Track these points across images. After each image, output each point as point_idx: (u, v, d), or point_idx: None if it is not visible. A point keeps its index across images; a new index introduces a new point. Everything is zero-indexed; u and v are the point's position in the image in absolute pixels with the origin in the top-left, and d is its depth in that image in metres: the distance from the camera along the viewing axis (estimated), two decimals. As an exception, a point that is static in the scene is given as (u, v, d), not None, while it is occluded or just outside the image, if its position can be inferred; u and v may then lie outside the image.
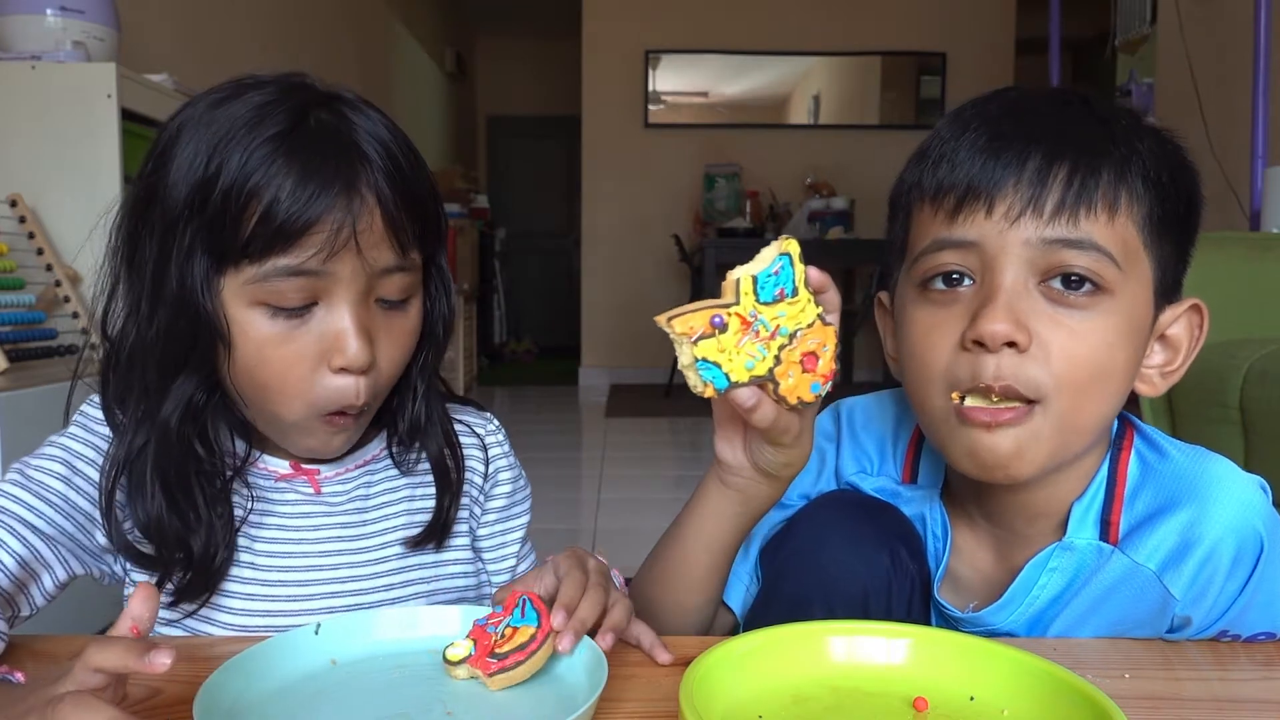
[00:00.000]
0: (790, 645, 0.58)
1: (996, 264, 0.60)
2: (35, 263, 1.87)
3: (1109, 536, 0.66)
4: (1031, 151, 0.60)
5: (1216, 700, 0.58)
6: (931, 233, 0.64)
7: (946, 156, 0.63)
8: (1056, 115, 0.63)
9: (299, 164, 0.62)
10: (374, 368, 0.67)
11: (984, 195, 0.61)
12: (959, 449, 0.63)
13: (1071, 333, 0.60)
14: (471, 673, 0.56)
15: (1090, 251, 0.60)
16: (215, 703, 0.50)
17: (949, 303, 0.63)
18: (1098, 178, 0.60)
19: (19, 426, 1.43)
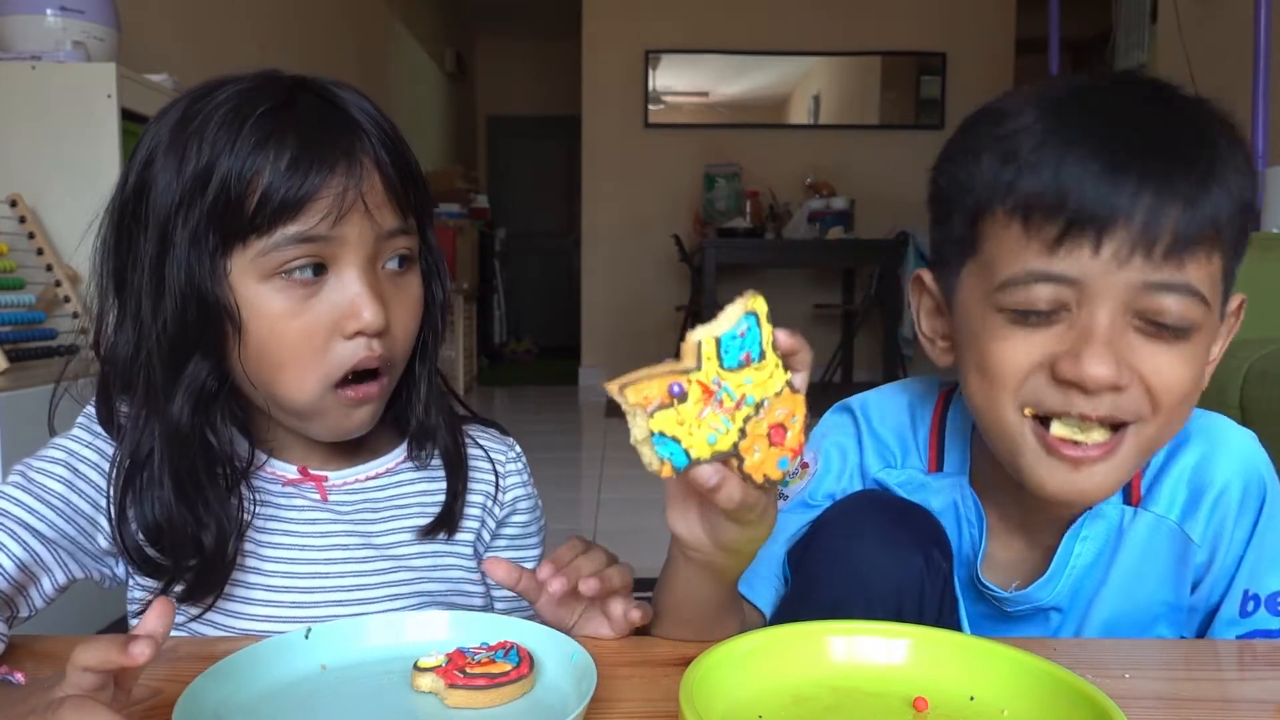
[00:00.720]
0: (790, 645, 0.58)
1: (1096, 302, 0.58)
2: (35, 263, 1.87)
3: (1131, 500, 0.69)
4: (1146, 184, 0.56)
5: (1216, 700, 0.58)
6: (1025, 261, 0.59)
7: (1048, 169, 0.58)
8: (1166, 132, 0.60)
9: (295, 138, 0.64)
10: (388, 333, 0.68)
11: (1091, 230, 0.57)
12: (1035, 473, 0.62)
13: (1167, 365, 0.59)
14: (435, 684, 0.56)
15: (1187, 297, 0.58)
16: (199, 706, 0.50)
17: (1037, 327, 0.60)
18: (1203, 217, 0.58)
19: (19, 426, 1.43)
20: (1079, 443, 0.60)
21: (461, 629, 0.62)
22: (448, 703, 0.55)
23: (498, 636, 0.60)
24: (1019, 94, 0.64)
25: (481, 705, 0.54)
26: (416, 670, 0.57)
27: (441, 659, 0.57)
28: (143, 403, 0.69)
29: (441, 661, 0.57)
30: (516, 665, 0.56)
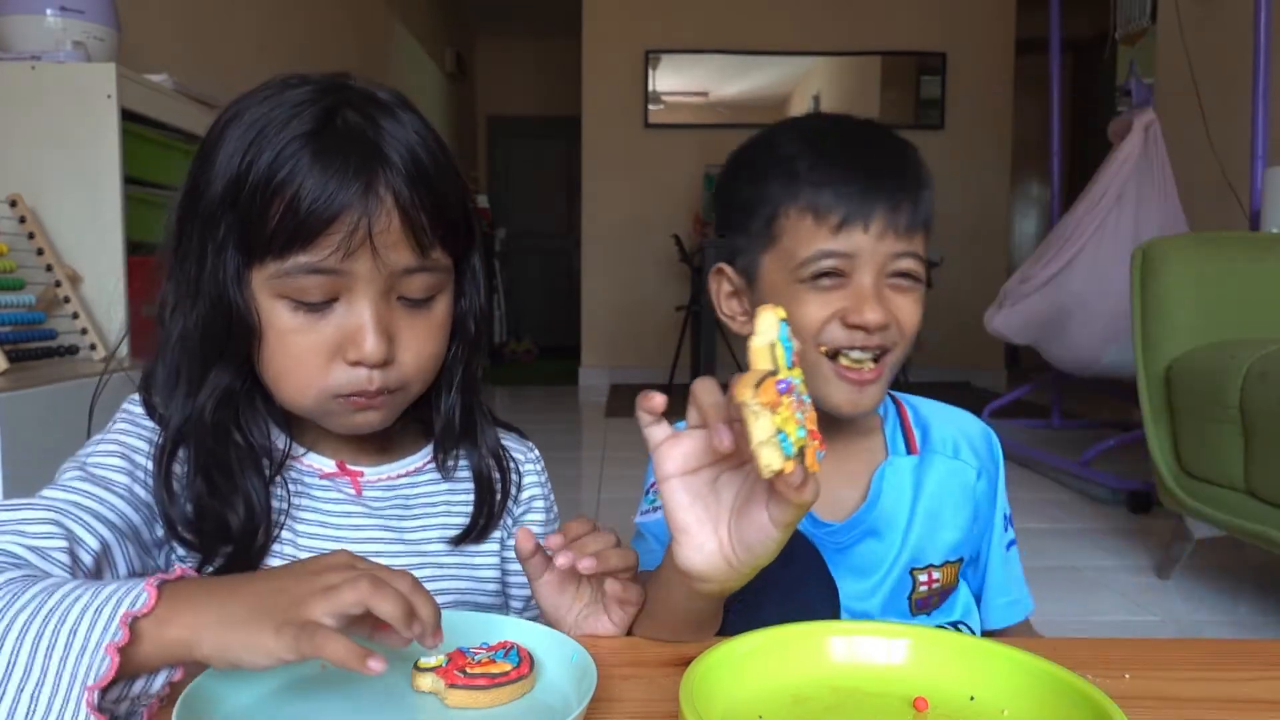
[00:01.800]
0: (790, 645, 0.58)
1: (866, 267, 0.81)
2: (35, 263, 1.87)
3: (911, 450, 0.92)
4: (888, 186, 0.81)
5: (1216, 700, 0.58)
6: (816, 243, 0.81)
7: (825, 183, 0.82)
8: (896, 158, 0.85)
9: (321, 163, 0.65)
10: (393, 363, 0.69)
11: (861, 218, 0.81)
12: (833, 396, 0.82)
13: (910, 305, 0.83)
14: (435, 683, 0.56)
15: (916, 259, 0.83)
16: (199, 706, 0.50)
17: (825, 289, 0.82)
18: (919, 208, 0.83)
19: (19, 427, 1.43)
20: (860, 369, 0.82)
21: (461, 629, 0.62)
22: (448, 703, 0.55)
23: (498, 636, 0.60)
24: (780, 130, 0.89)
25: (481, 705, 0.54)
26: (416, 670, 0.57)
27: (441, 659, 0.57)
28: (173, 393, 0.71)
29: (441, 661, 0.57)
30: (516, 665, 0.56)
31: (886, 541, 0.88)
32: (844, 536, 0.87)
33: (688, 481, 0.58)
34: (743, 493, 0.58)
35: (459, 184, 0.72)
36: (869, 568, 0.88)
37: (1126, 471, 3.07)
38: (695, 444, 0.58)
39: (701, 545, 0.58)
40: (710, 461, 0.58)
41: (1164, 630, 1.96)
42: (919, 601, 0.90)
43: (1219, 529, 2.05)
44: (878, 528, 0.88)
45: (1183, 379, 2.10)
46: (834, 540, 0.87)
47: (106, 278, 1.95)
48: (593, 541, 0.67)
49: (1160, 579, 2.26)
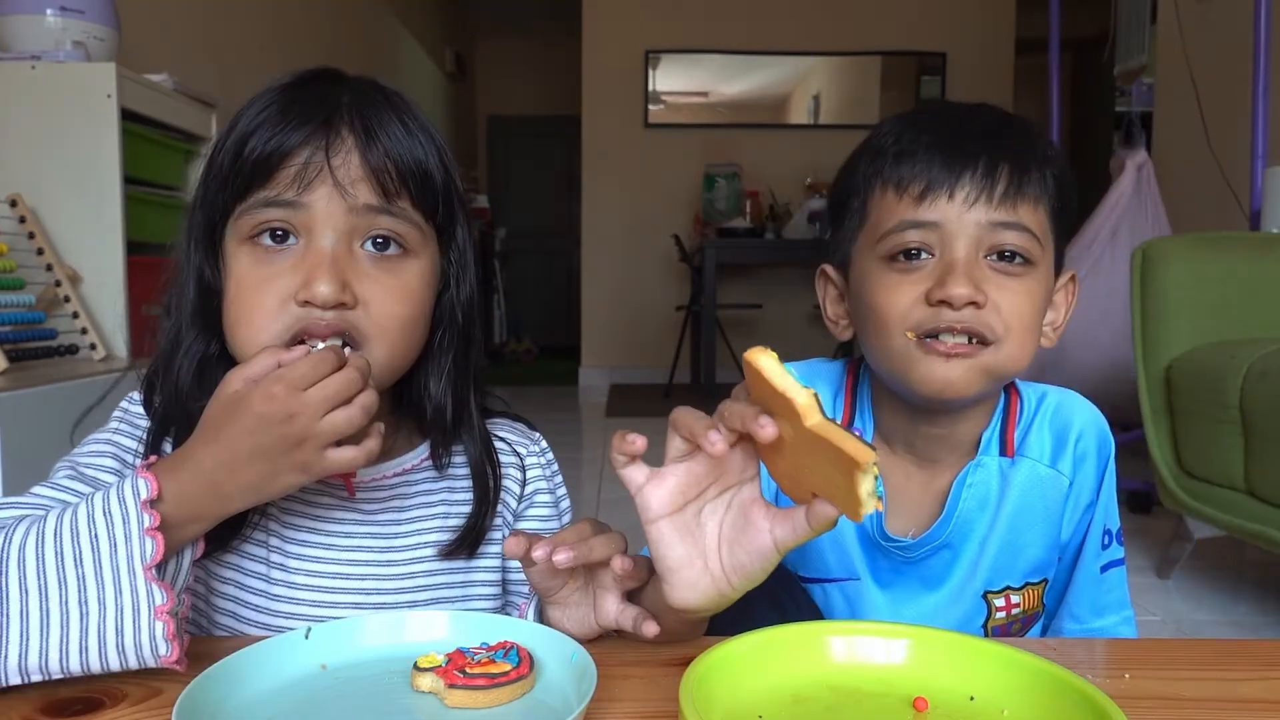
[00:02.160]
0: (790, 645, 0.58)
1: (955, 240, 0.74)
2: (35, 263, 1.87)
3: (1007, 451, 0.83)
4: (983, 151, 0.74)
5: (1216, 700, 0.58)
6: (898, 215, 0.76)
7: (908, 153, 0.76)
8: (996, 124, 0.79)
9: (284, 109, 0.67)
10: (353, 308, 0.66)
11: (946, 185, 0.74)
12: (918, 374, 0.75)
13: (1014, 293, 0.74)
14: (435, 683, 0.56)
15: (1023, 233, 0.75)
16: (199, 706, 0.50)
17: (911, 270, 0.76)
18: (1029, 175, 0.75)
19: (19, 426, 1.43)
20: (950, 342, 0.74)
21: (461, 629, 0.62)
22: (448, 703, 0.55)
23: (498, 636, 0.60)
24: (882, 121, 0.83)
25: (481, 705, 0.54)
26: (416, 670, 0.57)
27: (441, 659, 0.57)
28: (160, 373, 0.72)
29: (441, 661, 0.57)
30: (516, 665, 0.56)
31: (958, 554, 0.83)
32: (914, 552, 0.82)
33: (675, 520, 0.56)
34: (730, 519, 0.57)
35: (441, 155, 0.71)
36: (937, 580, 0.83)
37: (1126, 471, 3.07)
38: (679, 479, 0.56)
39: (695, 583, 0.57)
40: (695, 494, 0.57)
41: (1164, 630, 1.96)
42: (997, 630, 0.84)
43: (1219, 529, 2.05)
44: (952, 541, 0.82)
45: (1183, 379, 2.10)
46: (904, 555, 0.83)
47: (106, 278, 1.95)
48: (571, 533, 0.65)
49: (1160, 579, 2.26)
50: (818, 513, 0.52)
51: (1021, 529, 0.82)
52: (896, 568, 0.84)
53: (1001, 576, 0.83)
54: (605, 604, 0.66)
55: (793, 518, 0.54)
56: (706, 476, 0.57)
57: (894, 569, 0.84)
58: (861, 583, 0.84)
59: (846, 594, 0.84)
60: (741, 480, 0.57)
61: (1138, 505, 2.87)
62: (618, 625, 0.65)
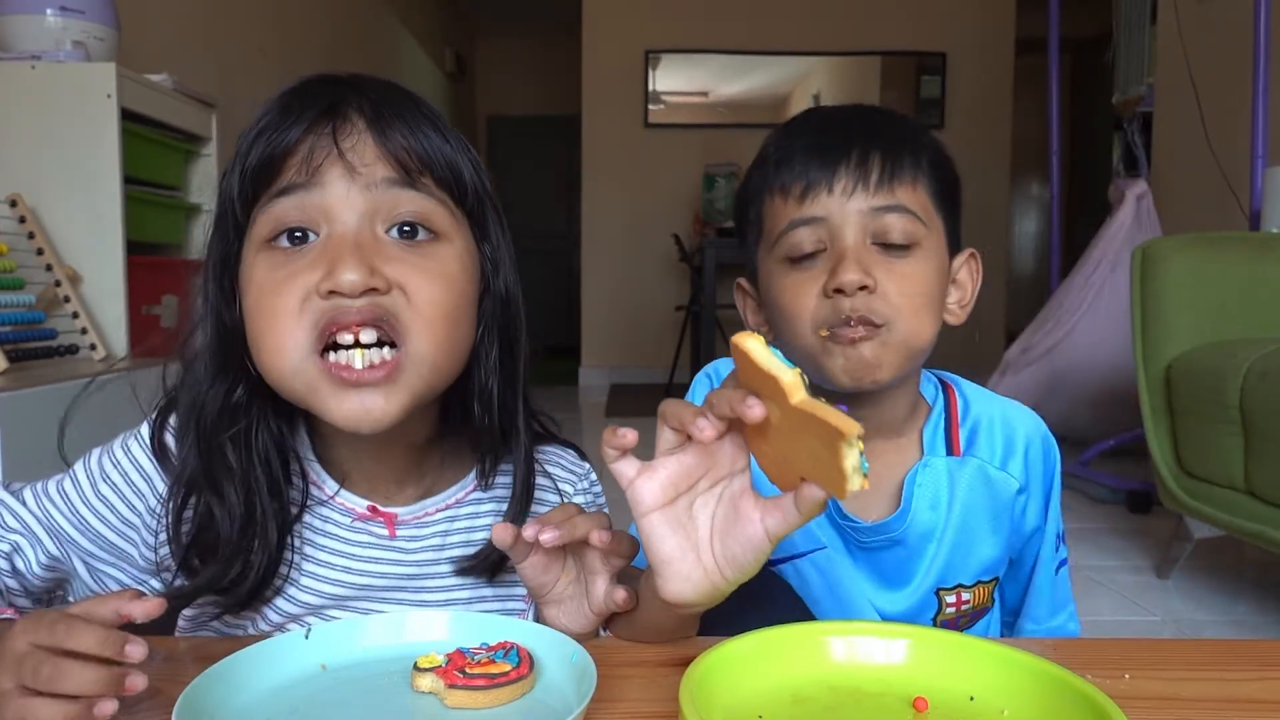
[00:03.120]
0: (790, 645, 0.58)
1: (841, 231, 0.78)
2: (35, 263, 1.87)
3: (953, 451, 0.85)
4: (854, 145, 0.78)
5: (1216, 700, 0.58)
6: (786, 216, 0.80)
7: (787, 158, 0.80)
8: (865, 119, 0.83)
9: (282, 106, 0.63)
10: (387, 292, 0.60)
11: (824, 180, 0.78)
12: (834, 365, 0.78)
13: (902, 275, 0.78)
14: (435, 684, 0.56)
15: (904, 214, 0.78)
16: (199, 706, 0.50)
17: (809, 268, 0.79)
18: (902, 160, 0.78)
19: (19, 426, 1.43)
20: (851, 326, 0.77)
21: (461, 629, 0.62)
22: (448, 703, 0.55)
23: (498, 636, 0.60)
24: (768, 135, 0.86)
25: (481, 705, 0.54)
26: (416, 670, 0.57)
27: (441, 659, 0.57)
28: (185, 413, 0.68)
29: (441, 661, 0.57)
30: (516, 665, 0.56)
31: (914, 554, 0.84)
32: (869, 538, 0.84)
33: (666, 513, 0.56)
34: (721, 512, 0.56)
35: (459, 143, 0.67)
36: (896, 579, 0.85)
37: (1126, 471, 3.07)
38: (670, 471, 0.56)
39: (688, 575, 0.56)
40: (686, 487, 0.57)
41: (1164, 630, 1.96)
42: (944, 624, 0.86)
43: (1219, 529, 2.05)
44: (906, 538, 0.83)
45: (1183, 379, 2.10)
46: (859, 539, 0.84)
47: (106, 278, 1.95)
48: (557, 514, 0.63)
49: (1160, 579, 2.26)
50: (805, 496, 0.52)
51: (973, 528, 0.84)
52: (850, 550, 0.85)
53: (954, 574, 0.84)
54: (595, 589, 0.65)
55: (782, 505, 0.54)
56: (697, 468, 0.56)
57: (848, 550, 0.85)
58: (829, 552, 0.85)
59: (818, 565, 0.85)
60: (732, 472, 0.57)
61: (1138, 505, 2.87)
62: (606, 608, 0.65)
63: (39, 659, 0.48)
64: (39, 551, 0.69)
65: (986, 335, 5.19)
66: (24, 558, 0.69)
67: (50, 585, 0.71)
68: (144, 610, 0.53)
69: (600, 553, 0.63)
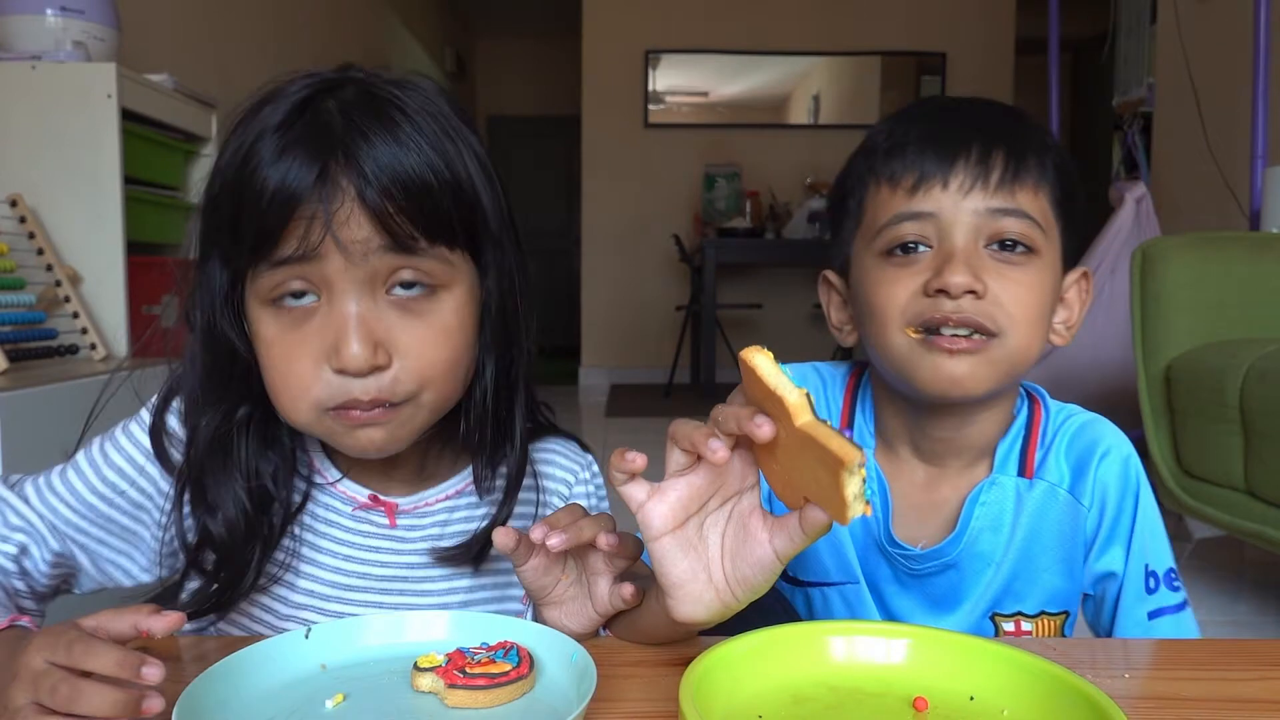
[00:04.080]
0: (790, 645, 0.58)
1: (952, 230, 0.72)
2: (35, 263, 1.87)
3: (1026, 472, 0.79)
4: (976, 139, 0.72)
5: (1216, 700, 0.58)
6: (893, 208, 0.74)
7: (900, 146, 0.74)
8: (989, 113, 0.77)
9: (282, 155, 0.61)
10: (388, 369, 0.63)
11: (939, 174, 0.72)
12: (923, 373, 0.72)
13: (1017, 283, 0.72)
14: (435, 683, 0.56)
15: (1024, 219, 0.72)
16: (200, 706, 0.50)
17: (909, 264, 0.73)
18: (1027, 161, 0.73)
19: (19, 426, 1.43)
20: (952, 337, 0.71)
21: (461, 629, 0.62)
22: (448, 703, 0.55)
23: (498, 636, 0.60)
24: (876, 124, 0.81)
25: (481, 705, 0.54)
26: (416, 670, 0.57)
27: (441, 659, 0.57)
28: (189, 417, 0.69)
29: (441, 661, 0.57)
30: (516, 665, 0.56)
31: (968, 576, 0.79)
32: (920, 565, 0.79)
33: (677, 536, 0.55)
34: (731, 532, 0.56)
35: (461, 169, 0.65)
36: (947, 602, 0.80)
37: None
38: (680, 494, 0.55)
39: (699, 597, 0.56)
40: (697, 508, 0.56)
41: (1164, 630, 1.96)
42: None
43: (1219, 529, 2.05)
44: (960, 561, 0.78)
45: (1182, 379, 2.10)
46: (909, 566, 0.80)
47: (106, 278, 1.95)
48: (564, 516, 0.63)
49: (1160, 579, 2.26)
50: (809, 518, 0.52)
51: (1037, 554, 0.78)
52: (899, 578, 0.81)
53: (1013, 601, 0.79)
54: (599, 589, 0.65)
55: (788, 526, 0.53)
56: (707, 488, 0.56)
57: (896, 578, 0.81)
58: (860, 587, 0.83)
59: (846, 598, 0.83)
60: (741, 490, 0.56)
61: (1138, 505, 2.87)
62: (612, 607, 0.65)
63: (56, 678, 0.48)
64: (44, 550, 0.69)
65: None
66: (31, 558, 0.69)
67: (56, 585, 0.72)
68: (164, 626, 0.54)
69: (603, 555, 0.64)
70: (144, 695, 0.48)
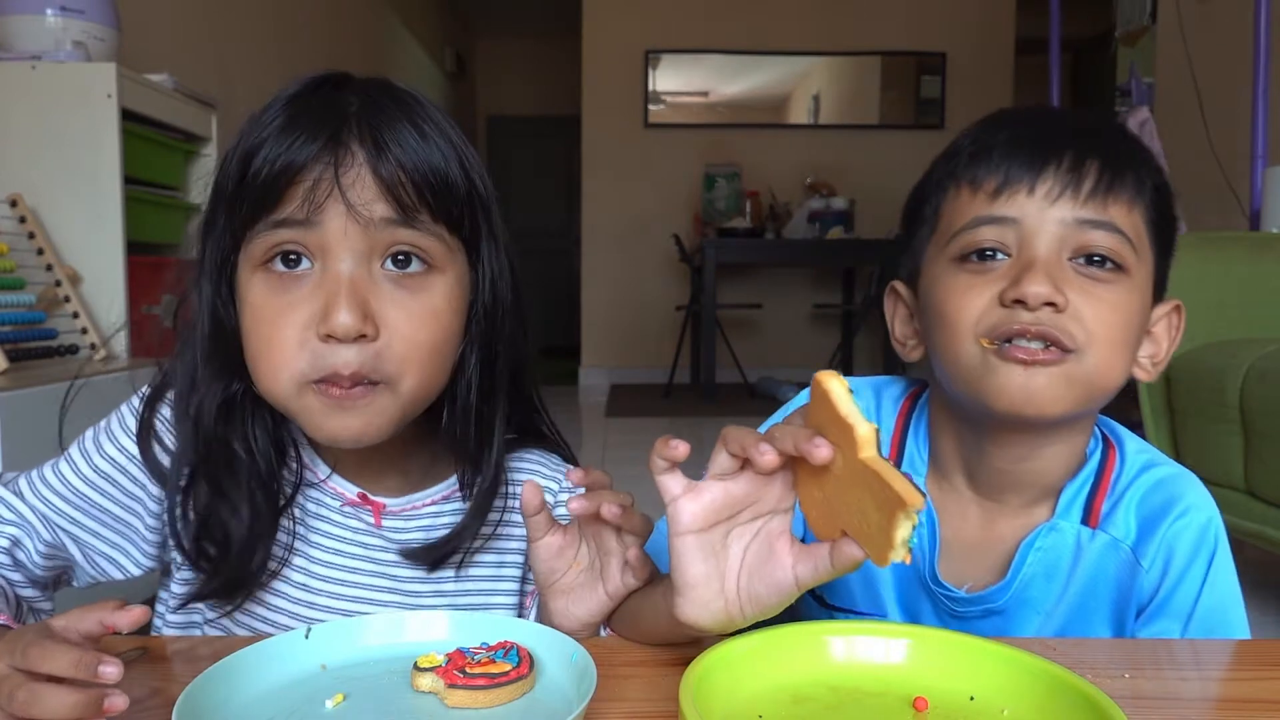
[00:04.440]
0: (790, 645, 0.58)
1: (1035, 238, 0.67)
2: (35, 263, 1.87)
3: (1090, 521, 0.73)
4: (1070, 146, 0.67)
5: (1216, 700, 0.58)
6: (972, 212, 0.69)
7: (985, 150, 0.69)
8: (1086, 121, 0.72)
9: (289, 124, 0.63)
10: (376, 339, 0.63)
11: (1026, 179, 0.67)
12: (994, 385, 0.66)
13: (1100, 300, 0.66)
14: (435, 683, 0.56)
15: (1114, 234, 0.67)
16: (199, 706, 0.50)
17: (985, 271, 0.68)
18: (1123, 174, 0.67)
19: (19, 426, 1.43)
20: (1028, 348, 0.65)
21: (461, 629, 0.62)
22: (448, 703, 0.55)
23: (498, 636, 0.60)
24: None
25: (481, 705, 0.54)
26: (416, 670, 0.57)
27: (441, 659, 0.57)
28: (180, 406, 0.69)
29: (441, 661, 0.57)
30: (516, 665, 0.56)
31: (1013, 624, 0.74)
32: (963, 608, 0.75)
33: (701, 538, 0.55)
34: (755, 548, 0.56)
35: (458, 154, 0.66)
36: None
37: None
38: (715, 496, 0.55)
39: (708, 603, 0.56)
40: (728, 516, 0.55)
41: (1164, 630, 1.96)
42: None
43: (1219, 529, 2.05)
44: (1008, 608, 0.74)
45: (1183, 379, 2.10)
46: (952, 608, 0.75)
47: (106, 278, 1.95)
48: (614, 495, 0.64)
49: (1160, 579, 2.26)
50: (843, 552, 0.51)
51: (1091, 610, 0.73)
52: (941, 618, 0.76)
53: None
54: (611, 568, 0.65)
55: (816, 556, 0.53)
56: (743, 499, 0.55)
57: (938, 617, 0.77)
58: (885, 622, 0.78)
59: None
60: (775, 510, 0.55)
61: (1138, 505, 2.87)
62: (624, 587, 0.65)
63: (15, 683, 0.48)
64: (36, 541, 0.69)
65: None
66: (24, 550, 0.69)
67: (55, 573, 0.72)
68: (130, 620, 0.53)
69: (617, 534, 0.64)
70: (105, 694, 0.47)
